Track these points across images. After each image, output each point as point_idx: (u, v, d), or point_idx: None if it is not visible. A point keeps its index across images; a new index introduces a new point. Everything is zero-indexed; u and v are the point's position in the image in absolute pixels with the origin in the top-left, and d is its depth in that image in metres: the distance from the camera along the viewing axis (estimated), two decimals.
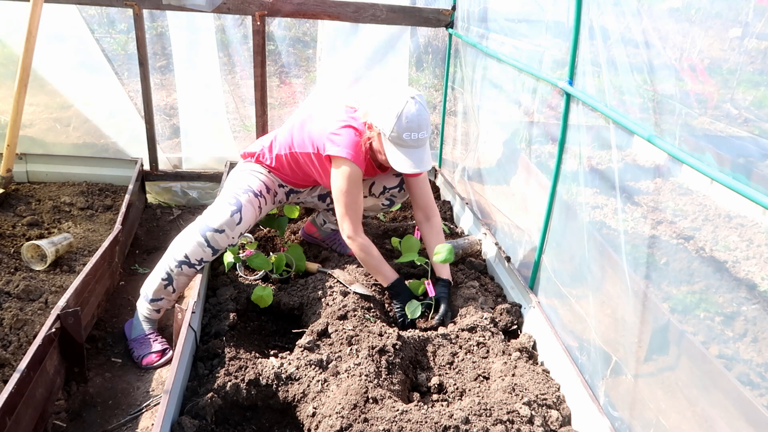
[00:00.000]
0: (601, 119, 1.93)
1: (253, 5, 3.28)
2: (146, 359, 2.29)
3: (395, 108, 2.19)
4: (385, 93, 2.27)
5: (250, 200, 2.39)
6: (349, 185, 2.32)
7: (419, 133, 2.21)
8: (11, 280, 2.47)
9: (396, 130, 2.20)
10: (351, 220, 2.37)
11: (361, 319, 2.24)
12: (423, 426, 1.72)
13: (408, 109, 2.18)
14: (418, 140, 2.22)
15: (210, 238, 2.27)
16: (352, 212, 2.37)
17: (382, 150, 2.29)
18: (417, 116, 2.19)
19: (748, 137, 1.36)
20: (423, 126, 2.22)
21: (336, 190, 2.35)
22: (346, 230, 2.39)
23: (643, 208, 1.78)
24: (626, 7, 1.83)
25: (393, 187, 2.68)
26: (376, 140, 2.30)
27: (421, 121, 2.21)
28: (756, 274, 1.49)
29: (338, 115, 2.40)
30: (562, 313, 2.23)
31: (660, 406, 1.63)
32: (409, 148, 2.24)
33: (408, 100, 2.20)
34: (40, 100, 3.59)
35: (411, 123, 2.19)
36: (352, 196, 2.34)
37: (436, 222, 2.61)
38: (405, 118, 2.18)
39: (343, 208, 2.36)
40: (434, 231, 2.60)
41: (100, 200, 3.39)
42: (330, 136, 2.33)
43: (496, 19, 3.01)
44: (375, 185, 2.68)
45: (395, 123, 2.19)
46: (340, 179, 2.32)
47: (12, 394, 1.61)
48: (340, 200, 2.35)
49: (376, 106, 2.26)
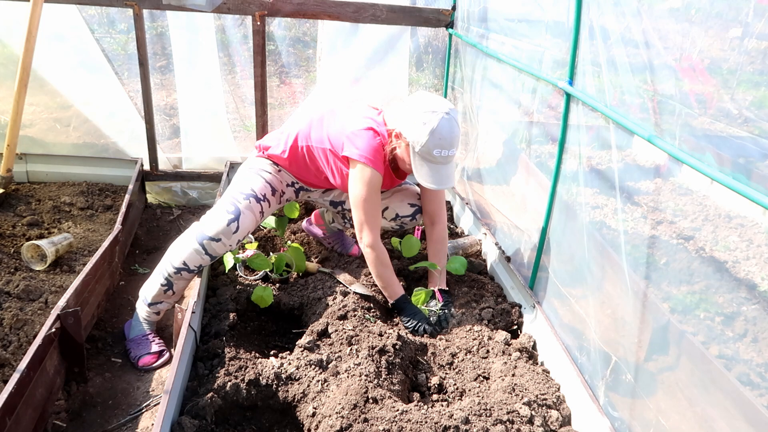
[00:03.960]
0: (601, 119, 1.93)
1: (253, 5, 3.28)
2: (142, 360, 2.29)
3: (430, 123, 2.14)
4: (419, 102, 2.22)
5: (250, 207, 2.33)
6: (369, 192, 2.27)
7: (449, 151, 2.18)
8: (11, 280, 2.47)
9: (427, 146, 2.16)
10: (371, 229, 2.33)
11: (361, 319, 2.24)
12: (423, 426, 1.72)
13: (442, 126, 2.14)
14: (447, 157, 2.19)
15: (206, 246, 2.24)
16: (372, 219, 2.32)
17: (408, 161, 2.25)
18: (450, 134, 2.16)
19: (748, 137, 1.36)
20: (454, 143, 2.19)
21: (355, 197, 2.30)
22: (366, 239, 2.34)
23: (643, 208, 1.78)
24: (626, 7, 1.83)
25: (405, 216, 2.65)
26: (403, 149, 2.26)
27: (453, 139, 2.18)
28: (756, 274, 1.49)
29: (360, 115, 2.35)
30: (562, 313, 2.23)
31: (660, 406, 1.63)
32: (437, 164, 2.21)
33: (443, 116, 2.15)
34: (40, 100, 3.59)
35: (444, 141, 2.15)
36: (371, 204, 2.29)
37: (439, 229, 2.60)
38: (438, 136, 2.14)
39: (363, 215, 2.31)
40: (434, 237, 2.59)
41: (100, 200, 3.39)
42: (350, 136, 2.28)
43: (496, 19, 3.01)
44: (388, 210, 2.64)
45: (428, 139, 2.14)
46: (360, 185, 2.27)
47: (12, 394, 1.61)
48: (360, 207, 2.30)
49: (409, 116, 2.21)
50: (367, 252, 2.37)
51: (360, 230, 2.35)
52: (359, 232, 2.35)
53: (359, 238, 2.37)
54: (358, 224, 2.34)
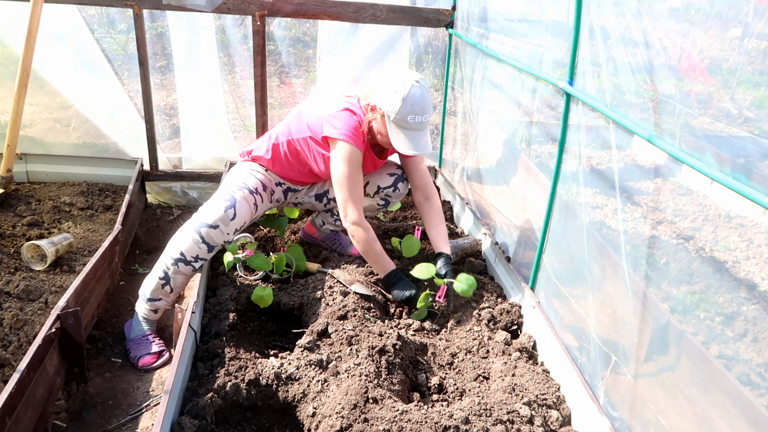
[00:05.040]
0: (601, 119, 1.93)
1: (253, 5, 3.28)
2: (142, 360, 2.29)
3: (401, 91, 2.23)
4: (389, 76, 2.31)
5: (245, 197, 2.39)
6: (350, 168, 2.33)
7: (423, 117, 2.26)
8: (11, 280, 2.47)
9: (401, 113, 2.24)
10: (354, 205, 2.37)
11: (361, 319, 2.24)
12: (423, 426, 1.72)
13: (413, 92, 2.23)
14: (421, 123, 2.27)
15: (205, 234, 2.26)
16: (355, 197, 2.38)
17: (384, 131, 2.32)
18: (421, 100, 2.24)
19: (748, 137, 1.36)
20: (426, 109, 2.27)
21: (337, 174, 2.35)
22: (350, 216, 2.38)
23: (643, 208, 1.78)
24: (626, 7, 1.83)
25: (387, 186, 2.69)
26: (379, 121, 2.33)
27: (425, 104, 2.26)
28: (756, 274, 1.50)
29: (335, 101, 2.43)
30: (562, 313, 2.23)
31: (660, 406, 1.63)
32: (412, 131, 2.28)
33: (413, 84, 2.24)
34: (40, 100, 3.59)
35: (416, 106, 2.23)
36: (353, 180, 2.35)
37: (435, 202, 2.66)
38: (410, 101, 2.23)
39: (346, 192, 2.36)
40: (434, 210, 2.64)
41: (100, 200, 3.39)
42: (328, 119, 2.36)
43: (495, 19, 3.01)
44: (369, 185, 2.70)
45: (400, 106, 2.23)
46: (340, 163, 2.33)
47: (12, 394, 1.61)
48: (342, 185, 2.35)
49: (380, 88, 2.30)
50: (352, 229, 2.40)
51: (344, 209, 2.39)
52: (343, 210, 2.40)
53: (343, 217, 2.41)
54: (341, 203, 2.39)
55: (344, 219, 2.40)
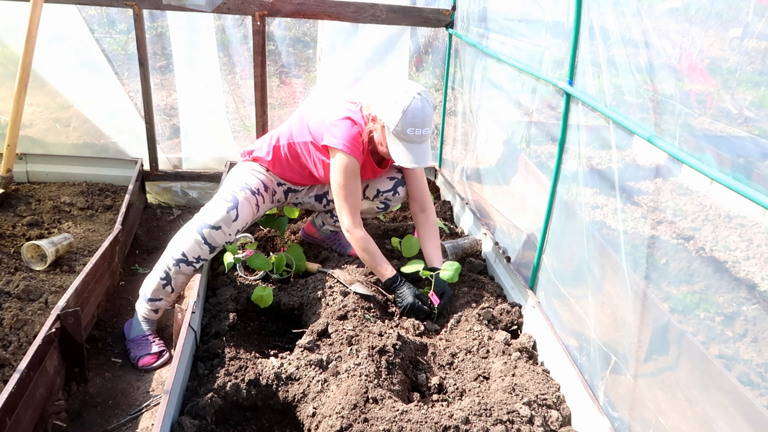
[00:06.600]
0: (601, 119, 1.93)
1: (253, 5, 3.28)
2: (142, 360, 2.29)
3: (402, 103, 2.22)
4: (392, 86, 2.30)
5: (247, 197, 2.39)
6: (347, 178, 2.35)
7: (423, 130, 2.25)
8: (11, 280, 2.47)
9: (401, 125, 2.23)
10: (349, 212, 2.40)
11: (361, 319, 2.24)
12: (423, 426, 1.72)
13: (414, 105, 2.22)
14: (421, 136, 2.26)
15: (207, 235, 2.26)
16: (350, 204, 2.40)
17: (384, 143, 2.32)
18: (422, 113, 2.23)
19: (748, 137, 1.36)
20: (427, 123, 2.26)
21: (334, 183, 2.38)
22: (345, 223, 2.42)
23: (643, 208, 1.78)
24: (626, 7, 1.83)
25: (387, 190, 2.70)
26: (379, 132, 2.33)
27: (426, 118, 2.24)
28: (756, 274, 1.49)
29: (337, 107, 2.43)
30: (562, 313, 2.23)
31: (660, 406, 1.63)
32: (412, 144, 2.27)
33: (415, 96, 2.23)
34: (40, 100, 3.59)
35: (416, 119, 2.22)
36: (349, 189, 2.37)
37: (430, 214, 2.67)
38: (410, 114, 2.21)
39: (342, 201, 2.39)
40: (429, 223, 2.66)
41: (100, 200, 3.39)
42: (328, 127, 2.36)
43: (495, 19, 3.01)
44: (369, 188, 2.70)
45: (400, 118, 2.22)
46: (338, 172, 2.35)
47: (12, 394, 1.61)
48: (339, 193, 2.38)
49: (382, 99, 2.29)
50: (349, 236, 2.45)
51: (340, 214, 2.43)
52: (340, 216, 2.44)
53: (340, 222, 2.44)
54: (338, 210, 2.43)
55: (342, 225, 2.45)
